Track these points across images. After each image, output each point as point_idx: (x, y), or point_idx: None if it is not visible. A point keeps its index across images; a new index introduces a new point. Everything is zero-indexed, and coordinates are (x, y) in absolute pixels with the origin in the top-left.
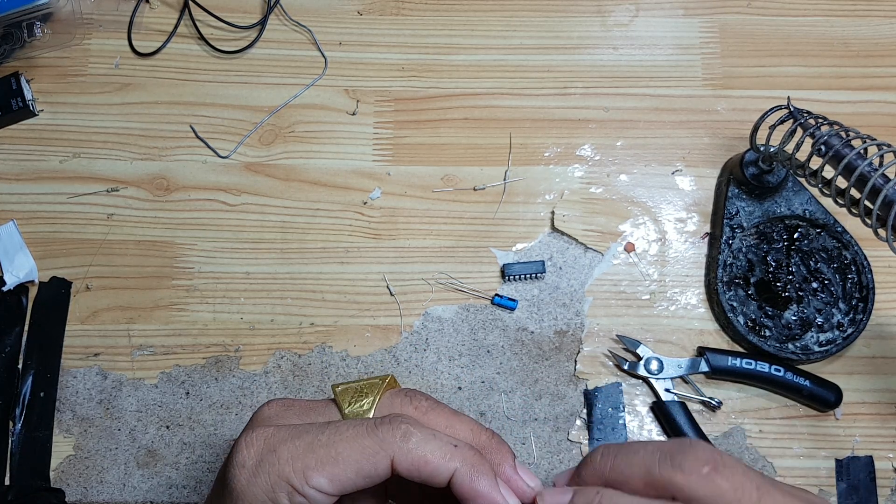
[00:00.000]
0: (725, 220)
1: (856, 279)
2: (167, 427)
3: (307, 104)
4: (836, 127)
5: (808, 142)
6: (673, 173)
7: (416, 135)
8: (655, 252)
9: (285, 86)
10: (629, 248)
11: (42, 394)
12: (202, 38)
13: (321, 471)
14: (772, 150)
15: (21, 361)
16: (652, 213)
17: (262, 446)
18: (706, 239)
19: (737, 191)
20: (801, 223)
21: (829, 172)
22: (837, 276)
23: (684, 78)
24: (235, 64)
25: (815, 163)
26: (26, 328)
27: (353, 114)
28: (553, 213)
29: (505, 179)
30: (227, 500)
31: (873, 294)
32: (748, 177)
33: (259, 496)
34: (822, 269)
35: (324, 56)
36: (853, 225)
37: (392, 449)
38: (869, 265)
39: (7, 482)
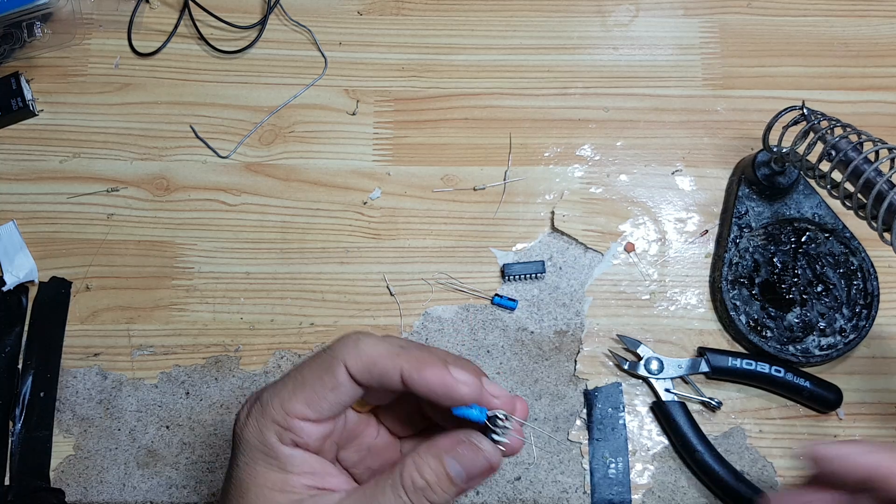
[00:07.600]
0: (734, 219)
1: (861, 286)
2: (167, 427)
3: (307, 104)
4: (847, 130)
5: (820, 144)
6: (673, 173)
7: (416, 135)
8: (655, 252)
9: (285, 86)
10: (629, 248)
11: (42, 394)
12: (202, 38)
13: (295, 398)
14: (784, 150)
15: (21, 361)
16: (652, 213)
17: (252, 401)
18: (705, 236)
19: (747, 191)
20: (809, 226)
21: (838, 175)
22: (843, 282)
23: (684, 78)
24: (235, 64)
25: (825, 165)
26: (26, 328)
27: (353, 114)
28: (553, 213)
29: (505, 179)
30: (233, 462)
31: (878, 301)
32: (760, 177)
33: (252, 442)
34: (828, 274)
35: (324, 56)
36: (862, 231)
37: (343, 355)
38: (875, 273)
39: (7, 482)
